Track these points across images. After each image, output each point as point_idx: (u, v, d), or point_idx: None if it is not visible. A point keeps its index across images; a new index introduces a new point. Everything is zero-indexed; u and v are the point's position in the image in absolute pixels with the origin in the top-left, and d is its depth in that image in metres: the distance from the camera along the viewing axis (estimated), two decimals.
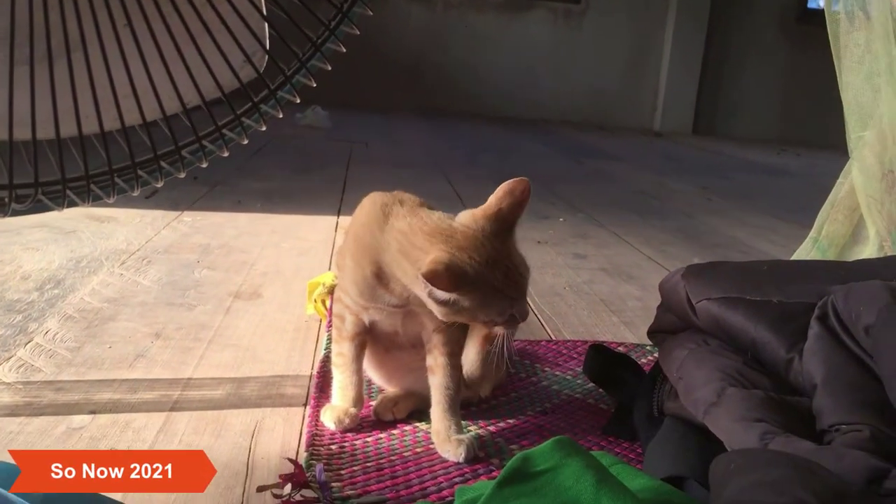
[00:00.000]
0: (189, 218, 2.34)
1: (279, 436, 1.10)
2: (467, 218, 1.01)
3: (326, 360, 1.32)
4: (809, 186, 4.67)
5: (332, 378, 1.26)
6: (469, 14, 7.51)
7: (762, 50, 7.89)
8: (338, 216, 2.56)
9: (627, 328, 1.69)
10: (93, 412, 1.11)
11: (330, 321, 1.43)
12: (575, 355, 1.49)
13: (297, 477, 0.92)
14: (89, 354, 1.31)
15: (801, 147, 7.18)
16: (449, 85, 7.39)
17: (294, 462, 0.95)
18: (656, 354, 1.51)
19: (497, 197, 1.01)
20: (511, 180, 1.02)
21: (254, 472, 1.00)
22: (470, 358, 1.13)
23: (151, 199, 2.54)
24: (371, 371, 1.20)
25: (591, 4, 7.62)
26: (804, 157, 6.42)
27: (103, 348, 1.33)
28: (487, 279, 0.95)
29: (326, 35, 1.03)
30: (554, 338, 1.58)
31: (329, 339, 1.39)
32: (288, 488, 0.92)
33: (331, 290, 1.49)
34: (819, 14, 7.21)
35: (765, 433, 0.77)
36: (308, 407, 1.18)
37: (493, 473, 1.03)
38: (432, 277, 0.92)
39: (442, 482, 1.00)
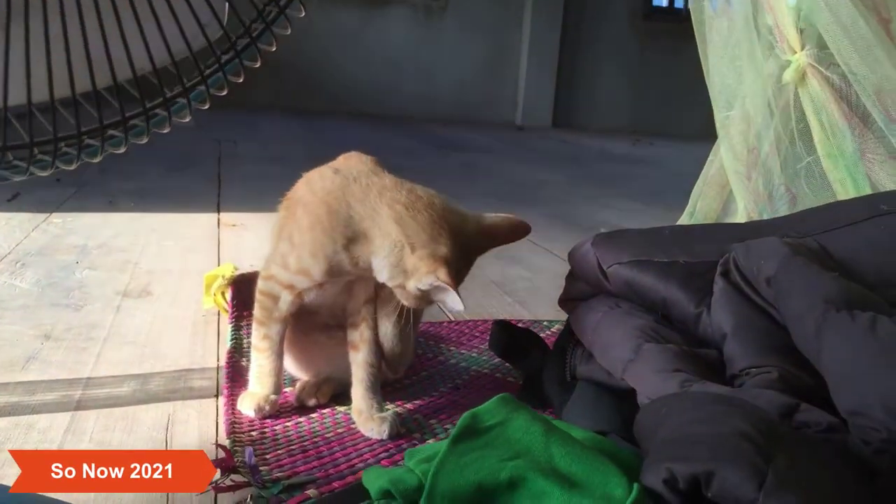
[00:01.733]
0: (59, 219, 2.23)
1: (194, 427, 1.07)
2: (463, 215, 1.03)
3: (234, 351, 1.29)
4: (663, 174, 4.93)
5: (242, 367, 1.24)
6: (329, 10, 7.45)
7: (613, 46, 8.25)
8: (218, 212, 2.50)
9: (521, 306, 1.75)
10: None
11: (234, 312, 1.41)
12: (477, 334, 1.52)
13: (226, 462, 0.91)
14: None
15: (653, 136, 7.55)
16: (312, 83, 7.31)
17: (223, 447, 0.93)
18: (553, 329, 1.58)
19: (502, 223, 1.06)
20: (521, 221, 1.07)
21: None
22: (389, 332, 1.13)
23: (14, 202, 2.39)
24: (288, 359, 1.17)
25: (451, 1, 7.73)
26: (657, 146, 6.76)
27: None
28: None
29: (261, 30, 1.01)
30: (453, 319, 1.61)
31: (235, 329, 1.37)
32: (217, 474, 0.90)
33: (231, 282, 1.46)
34: (663, 11, 7.60)
35: (684, 381, 0.83)
36: (221, 397, 1.16)
37: (419, 446, 1.05)
38: (446, 277, 0.94)
39: (368, 459, 1.01)
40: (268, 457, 0.99)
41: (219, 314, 1.51)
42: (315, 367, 1.18)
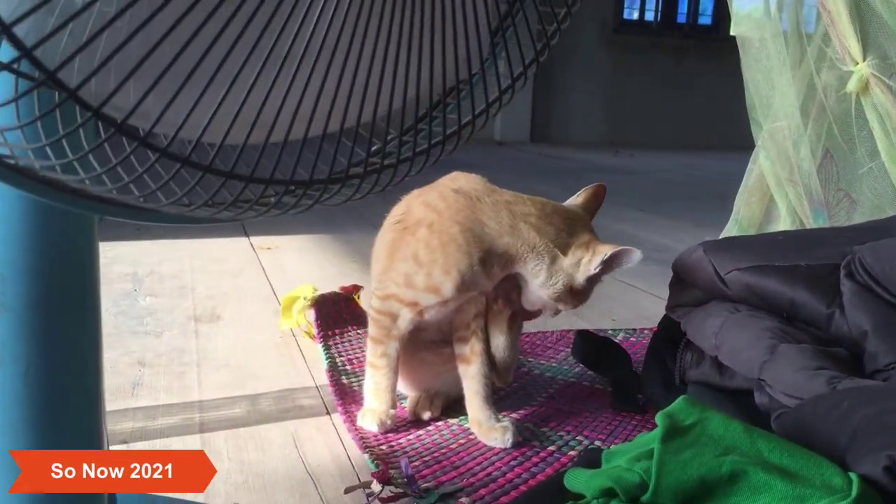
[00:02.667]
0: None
1: (321, 444, 1.10)
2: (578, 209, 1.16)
3: (333, 370, 1.33)
4: (658, 182, 5.04)
5: (344, 385, 1.27)
6: None
7: (585, 60, 8.38)
8: (247, 236, 2.52)
9: (577, 317, 1.79)
10: (124, 441, 1.07)
11: (320, 332, 1.44)
12: (549, 344, 1.57)
13: (383, 474, 0.94)
14: None
15: (630, 148, 7.68)
16: None
17: (381, 460, 0.97)
18: (618, 338, 1.63)
19: (585, 198, 1.20)
20: (594, 185, 1.22)
21: (319, 479, 1.00)
22: (502, 344, 1.17)
23: None
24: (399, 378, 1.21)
25: None
26: (638, 157, 6.88)
27: None
28: None
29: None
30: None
31: (325, 349, 1.40)
32: (376, 486, 0.94)
33: (313, 303, 1.49)
34: (634, 24, 7.73)
35: (831, 378, 0.88)
36: (335, 415, 1.19)
37: (542, 454, 1.09)
38: (608, 248, 1.08)
39: (501, 467, 1.05)
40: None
41: (295, 335, 1.54)
42: (424, 383, 1.22)
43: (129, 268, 2.03)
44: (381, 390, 1.15)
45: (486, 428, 1.12)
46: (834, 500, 0.62)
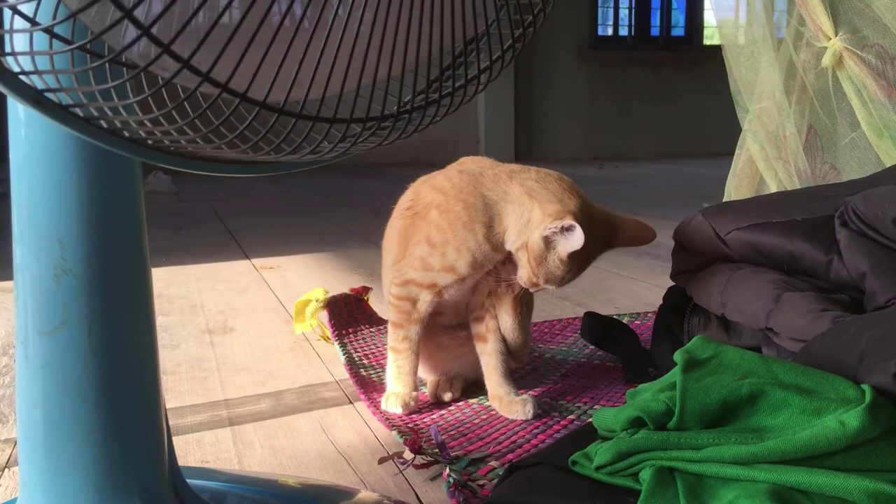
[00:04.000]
0: None
1: (348, 428, 1.14)
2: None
3: (351, 363, 1.36)
4: (645, 189, 5.11)
5: (363, 377, 1.31)
6: None
7: (564, 77, 8.50)
8: (248, 258, 2.56)
9: (581, 307, 1.84)
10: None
11: (335, 331, 1.48)
12: (556, 332, 1.61)
13: (415, 442, 0.98)
14: None
15: (614, 160, 7.77)
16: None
17: (411, 430, 1.00)
18: (624, 320, 1.67)
19: (628, 221, 1.14)
20: (647, 225, 1.14)
21: (350, 457, 1.04)
22: (510, 325, 1.20)
23: None
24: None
25: None
26: (623, 168, 6.96)
27: None
28: (587, 252, 1.08)
29: None
30: None
31: (342, 346, 1.44)
32: (408, 454, 0.97)
33: (326, 304, 1.53)
34: (609, 39, 7.83)
35: (835, 317, 0.93)
36: (359, 402, 1.22)
37: (562, 423, 1.13)
38: (572, 219, 1.04)
39: (525, 435, 1.09)
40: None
41: (308, 339, 1.57)
42: (443, 366, 1.25)
43: None
44: (403, 374, 1.18)
45: (506, 402, 1.16)
46: (849, 408, 0.65)
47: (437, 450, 0.99)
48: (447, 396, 1.22)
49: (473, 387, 1.27)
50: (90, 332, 0.61)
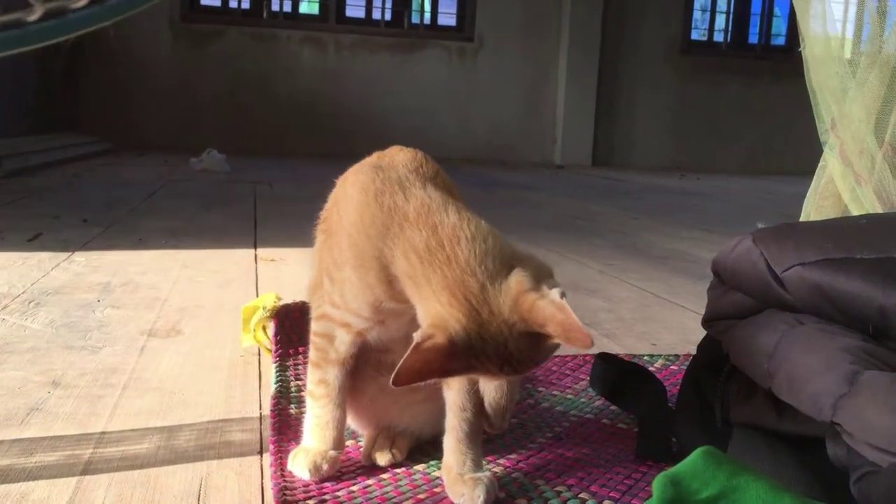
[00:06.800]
0: (82, 258, 2.02)
1: (234, 495, 0.83)
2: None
3: (280, 396, 1.05)
4: (723, 203, 4.66)
5: (290, 416, 1.00)
6: (362, 55, 7.35)
7: (651, 82, 8.05)
8: (255, 248, 2.29)
9: (610, 340, 1.49)
10: None
11: (278, 349, 1.17)
12: (567, 372, 1.27)
13: None
14: None
15: (698, 172, 7.29)
16: (346, 127, 7.15)
17: None
18: (656, 365, 1.32)
19: (557, 321, 0.70)
20: (579, 330, 0.70)
21: None
22: (494, 381, 0.86)
23: (35, 242, 2.20)
24: (351, 411, 0.92)
25: (485, 42, 7.59)
26: (705, 180, 6.49)
27: None
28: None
29: None
30: None
31: (280, 370, 1.13)
32: None
33: (273, 314, 1.23)
34: (702, 44, 7.44)
35: None
36: (267, 454, 0.91)
37: None
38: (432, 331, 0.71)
39: None
40: None
41: (260, 354, 1.27)
42: (386, 418, 0.93)
43: (105, 277, 1.80)
44: (319, 426, 0.87)
45: (454, 477, 0.83)
46: None
47: None
48: (383, 460, 0.90)
49: (430, 447, 0.94)
50: None
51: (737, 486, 0.43)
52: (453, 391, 0.86)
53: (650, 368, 1.27)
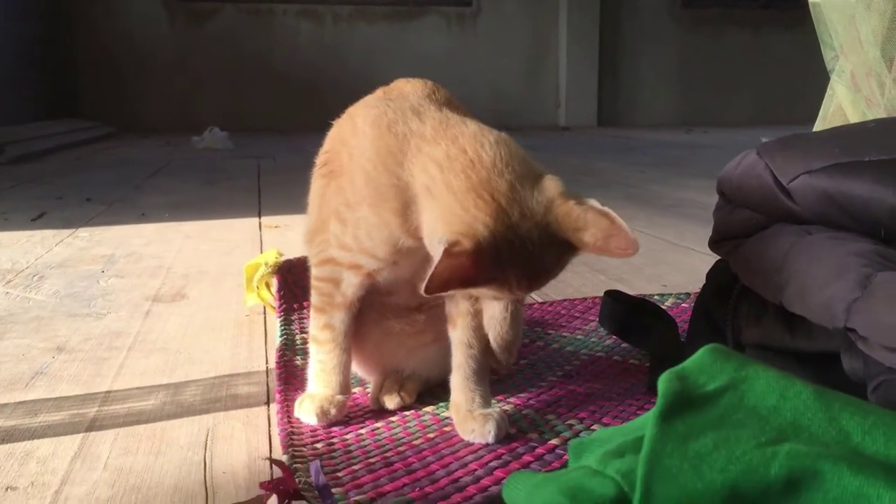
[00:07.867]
0: (86, 233, 2.01)
1: (240, 443, 0.82)
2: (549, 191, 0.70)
3: (285, 349, 1.04)
4: (732, 154, 4.58)
5: (296, 368, 0.99)
6: (360, 26, 7.28)
7: (654, 38, 7.94)
8: (259, 217, 2.27)
9: (620, 284, 1.47)
10: None
11: (282, 304, 1.16)
12: (577, 314, 1.25)
13: (285, 483, 0.65)
14: None
15: (705, 126, 7.22)
16: (348, 99, 7.04)
17: (279, 463, 0.67)
18: (668, 303, 1.30)
19: (600, 227, 0.68)
20: (622, 233, 0.67)
21: (216, 492, 0.72)
22: (496, 311, 0.83)
23: (39, 221, 2.19)
24: (356, 357, 0.91)
25: (483, 6, 7.50)
26: (712, 134, 6.42)
27: None
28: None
29: None
30: (543, 300, 1.33)
31: (284, 324, 1.12)
32: (273, 501, 0.64)
33: (276, 270, 1.21)
34: None
35: None
36: (273, 404, 0.90)
37: (539, 450, 0.78)
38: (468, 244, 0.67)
39: (475, 469, 0.74)
40: (340, 474, 0.73)
41: (265, 312, 1.26)
42: (393, 362, 0.91)
43: (108, 250, 1.79)
44: (325, 371, 0.86)
45: (464, 415, 0.82)
46: None
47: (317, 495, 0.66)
48: (391, 403, 0.89)
49: (439, 389, 0.93)
50: None
51: (745, 377, 0.41)
52: (458, 329, 0.84)
53: (663, 305, 1.25)
